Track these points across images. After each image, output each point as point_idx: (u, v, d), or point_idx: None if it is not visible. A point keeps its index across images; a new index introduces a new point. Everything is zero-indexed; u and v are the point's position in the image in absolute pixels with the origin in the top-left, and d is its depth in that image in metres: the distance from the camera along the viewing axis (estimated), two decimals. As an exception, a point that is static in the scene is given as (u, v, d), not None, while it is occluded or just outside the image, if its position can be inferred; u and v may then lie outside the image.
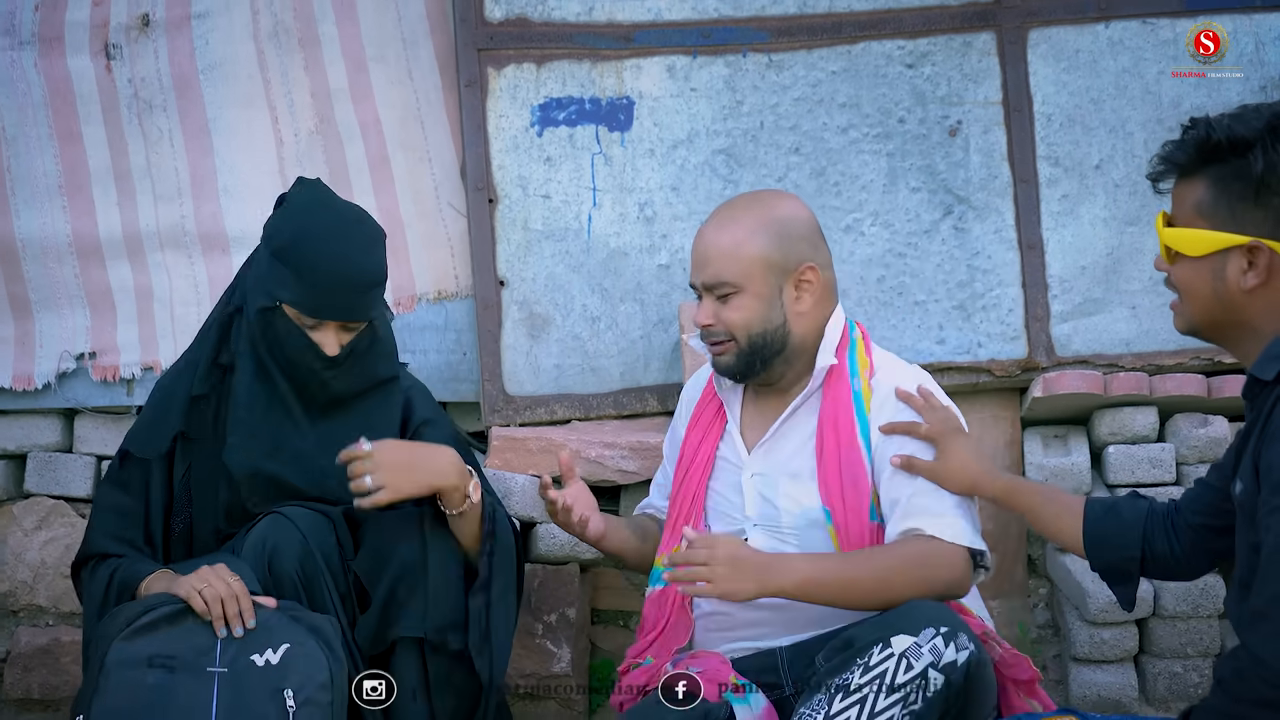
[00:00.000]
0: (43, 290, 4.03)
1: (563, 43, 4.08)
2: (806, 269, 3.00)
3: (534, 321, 4.05)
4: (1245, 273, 2.40)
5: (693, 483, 3.13)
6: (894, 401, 2.99)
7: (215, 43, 4.05)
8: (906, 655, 2.65)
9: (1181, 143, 2.45)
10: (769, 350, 3.01)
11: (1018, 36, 4.05)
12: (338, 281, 3.05)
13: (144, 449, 3.14)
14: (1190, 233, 2.44)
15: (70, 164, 4.04)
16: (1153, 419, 3.89)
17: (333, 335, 3.08)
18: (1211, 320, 2.47)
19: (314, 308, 3.05)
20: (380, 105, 4.08)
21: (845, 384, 3.01)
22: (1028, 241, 4.03)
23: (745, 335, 3.01)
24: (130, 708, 2.77)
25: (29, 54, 4.04)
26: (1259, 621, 2.25)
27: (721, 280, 2.99)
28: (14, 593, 3.94)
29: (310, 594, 3.03)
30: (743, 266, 2.98)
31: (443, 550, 3.05)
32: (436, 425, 3.26)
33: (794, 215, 3.03)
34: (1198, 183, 2.43)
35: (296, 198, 3.16)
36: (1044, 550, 4.00)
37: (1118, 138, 4.04)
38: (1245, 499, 2.39)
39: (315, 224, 3.08)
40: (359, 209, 3.21)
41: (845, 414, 2.98)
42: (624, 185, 4.07)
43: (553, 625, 3.79)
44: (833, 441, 2.98)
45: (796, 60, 4.08)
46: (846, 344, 3.06)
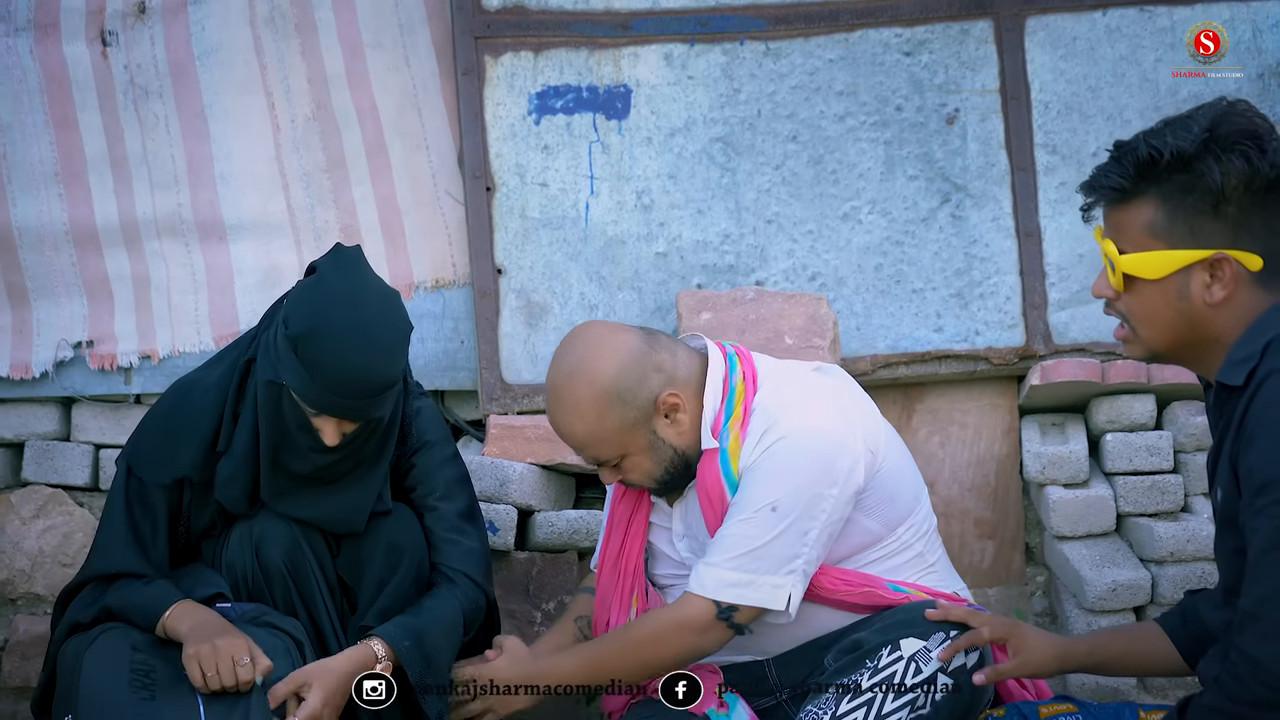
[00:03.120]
0: (40, 279, 4.02)
1: (560, 30, 4.07)
2: (665, 399, 2.96)
3: (532, 310, 4.05)
4: (1209, 286, 2.37)
5: (631, 555, 3.13)
6: (762, 443, 2.91)
7: (211, 28, 4.03)
8: (916, 659, 2.66)
9: (1117, 165, 2.40)
10: (679, 474, 3.02)
11: (1015, 24, 4.05)
12: (348, 389, 2.93)
13: (154, 476, 3.09)
14: (1148, 256, 2.38)
15: (66, 151, 4.03)
16: (1150, 406, 3.90)
17: (334, 426, 2.99)
18: (1175, 341, 2.43)
19: (318, 405, 2.95)
20: (377, 92, 4.07)
21: (715, 452, 2.97)
22: (1025, 229, 4.03)
23: (652, 480, 3.02)
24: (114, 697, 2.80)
25: (24, 40, 4.03)
26: (1250, 623, 2.25)
27: (602, 458, 3.00)
28: (12, 581, 3.93)
29: (299, 585, 3.03)
30: (611, 443, 2.96)
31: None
32: (432, 447, 3.21)
33: (618, 367, 2.93)
34: (1143, 204, 2.38)
35: (326, 278, 3.00)
36: (1041, 538, 4.01)
37: (1115, 125, 4.04)
38: (1226, 505, 2.39)
39: (335, 321, 2.92)
40: (388, 301, 3.04)
41: (713, 477, 2.96)
42: (621, 173, 4.07)
43: (551, 614, 3.79)
44: (706, 506, 2.97)
45: (794, 48, 4.08)
46: (725, 402, 2.98)
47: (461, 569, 3.12)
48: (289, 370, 2.94)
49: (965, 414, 4.05)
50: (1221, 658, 2.33)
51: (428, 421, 3.23)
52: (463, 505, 3.20)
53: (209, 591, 3.01)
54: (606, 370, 2.93)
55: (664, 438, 2.96)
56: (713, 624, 2.87)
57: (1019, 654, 2.79)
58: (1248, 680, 2.23)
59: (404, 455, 3.18)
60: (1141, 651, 2.77)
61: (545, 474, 3.90)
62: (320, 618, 3.02)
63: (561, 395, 2.96)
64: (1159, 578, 3.73)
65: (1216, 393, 2.41)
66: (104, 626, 2.94)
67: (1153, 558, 3.74)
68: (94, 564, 3.07)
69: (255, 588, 3.04)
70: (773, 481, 2.88)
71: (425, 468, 3.19)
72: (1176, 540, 3.71)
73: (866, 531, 2.96)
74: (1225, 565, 2.45)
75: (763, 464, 2.89)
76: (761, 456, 2.90)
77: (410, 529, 3.12)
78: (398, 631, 2.96)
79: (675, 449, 2.98)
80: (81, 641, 2.93)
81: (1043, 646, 2.79)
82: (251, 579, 3.03)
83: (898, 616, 2.78)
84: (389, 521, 3.08)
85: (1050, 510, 3.84)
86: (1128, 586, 3.71)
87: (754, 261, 4.05)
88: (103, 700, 2.81)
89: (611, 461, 2.99)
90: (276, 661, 2.88)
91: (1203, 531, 3.71)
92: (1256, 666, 2.22)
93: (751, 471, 2.90)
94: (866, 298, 4.03)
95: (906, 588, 2.95)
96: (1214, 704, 2.30)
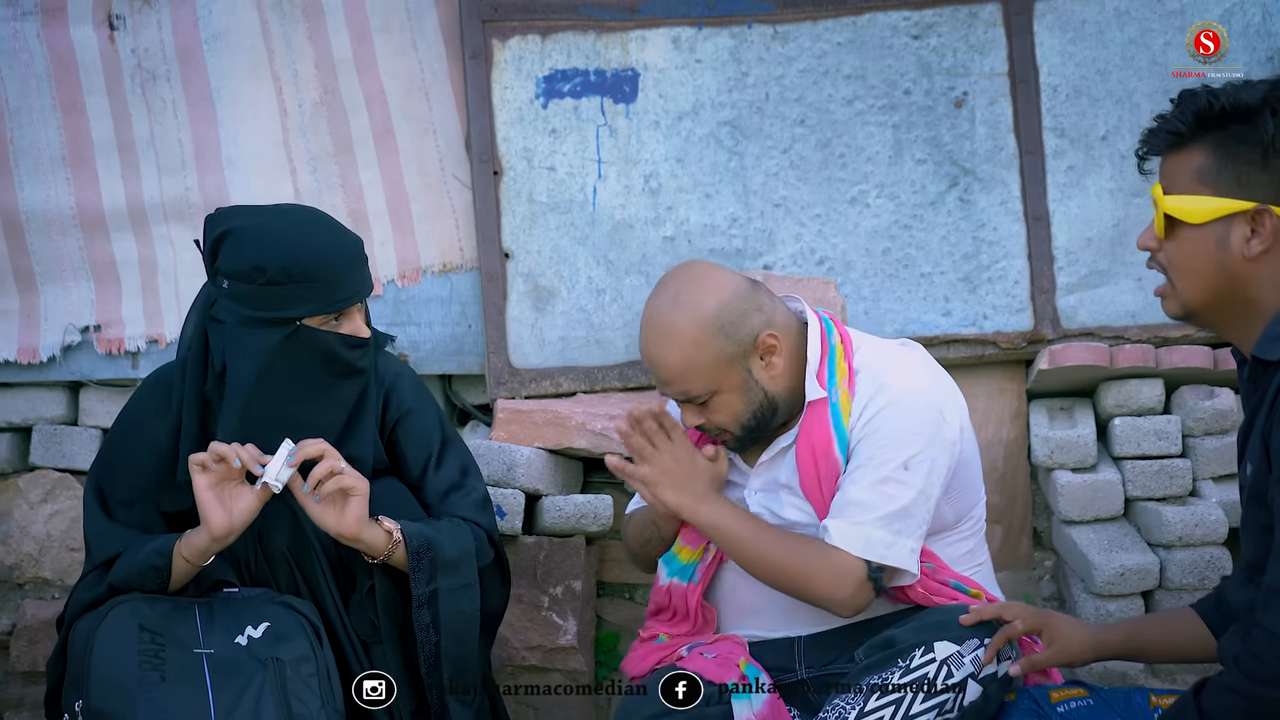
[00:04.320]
0: (47, 263, 4.02)
1: (568, 14, 4.06)
2: (765, 339, 2.92)
3: (539, 294, 4.04)
4: (1249, 240, 2.38)
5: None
6: (875, 404, 2.89)
7: (218, 12, 4.02)
8: (949, 663, 2.65)
9: (1179, 111, 2.42)
10: (765, 422, 2.97)
11: (1024, 7, 4.04)
12: (344, 268, 2.98)
13: (128, 498, 3.08)
14: (1192, 200, 2.41)
15: (73, 135, 4.02)
16: (1159, 391, 3.89)
17: (358, 317, 3.04)
18: (1211, 295, 2.44)
19: (337, 300, 2.98)
20: (384, 76, 4.06)
21: (824, 402, 2.94)
22: (1034, 213, 4.02)
23: (738, 424, 2.96)
24: (124, 678, 2.80)
25: (31, 24, 4.02)
26: (1273, 599, 2.24)
27: (692, 394, 2.93)
28: (20, 565, 3.94)
29: (301, 568, 3.03)
30: (705, 375, 2.90)
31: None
32: (417, 413, 3.20)
33: (724, 298, 2.90)
34: (1196, 150, 2.41)
35: (242, 229, 2.97)
36: (1050, 523, 4.01)
37: (1124, 109, 4.03)
38: (1255, 481, 2.38)
39: (290, 234, 2.96)
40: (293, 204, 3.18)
41: (821, 428, 2.92)
42: (629, 157, 4.06)
43: (559, 598, 3.79)
44: (808, 457, 2.93)
45: (802, 31, 4.07)
46: (826, 358, 2.97)
47: (458, 514, 3.13)
48: (290, 303, 2.94)
49: (973, 398, 4.03)
50: (1242, 636, 2.32)
51: (407, 387, 3.22)
52: (452, 473, 3.19)
53: (213, 579, 3.01)
54: (711, 301, 2.89)
55: (758, 379, 2.92)
56: (863, 584, 2.83)
57: (1053, 644, 2.77)
58: (1266, 657, 2.23)
59: (386, 424, 3.17)
60: (1177, 637, 2.75)
61: (553, 458, 3.90)
62: (324, 600, 3.02)
63: (662, 323, 2.91)
64: (1167, 562, 3.73)
65: (1251, 366, 2.42)
66: (112, 602, 2.94)
67: (1161, 542, 3.74)
68: (94, 558, 3.05)
69: (259, 572, 3.04)
70: (899, 442, 2.86)
71: (408, 438, 3.18)
72: (1185, 525, 3.71)
73: (940, 517, 2.95)
74: (1251, 541, 2.45)
75: (883, 424, 2.87)
76: (878, 415, 2.88)
77: (406, 505, 3.11)
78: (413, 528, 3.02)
79: (767, 393, 2.93)
80: (91, 620, 2.93)
81: (1078, 636, 2.78)
82: (255, 563, 3.03)
83: (935, 617, 2.76)
84: (384, 500, 3.06)
85: (1058, 495, 3.83)
86: (1136, 571, 3.70)
87: (762, 245, 4.05)
88: (113, 682, 2.81)
89: (700, 398, 2.92)
90: (294, 639, 2.88)
91: (1211, 516, 3.71)
92: (1277, 641, 2.21)
93: (873, 431, 2.87)
94: (874, 282, 4.03)
95: (965, 584, 2.94)
96: (1232, 683, 2.29)
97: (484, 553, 3.10)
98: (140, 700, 2.78)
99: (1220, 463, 3.85)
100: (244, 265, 2.93)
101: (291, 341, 2.96)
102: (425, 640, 2.99)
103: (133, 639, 2.87)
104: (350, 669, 2.98)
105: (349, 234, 3.06)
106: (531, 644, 3.78)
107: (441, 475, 3.18)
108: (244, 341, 2.96)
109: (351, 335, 3.02)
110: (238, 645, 2.88)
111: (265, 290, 2.93)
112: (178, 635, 2.89)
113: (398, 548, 2.97)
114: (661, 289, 2.96)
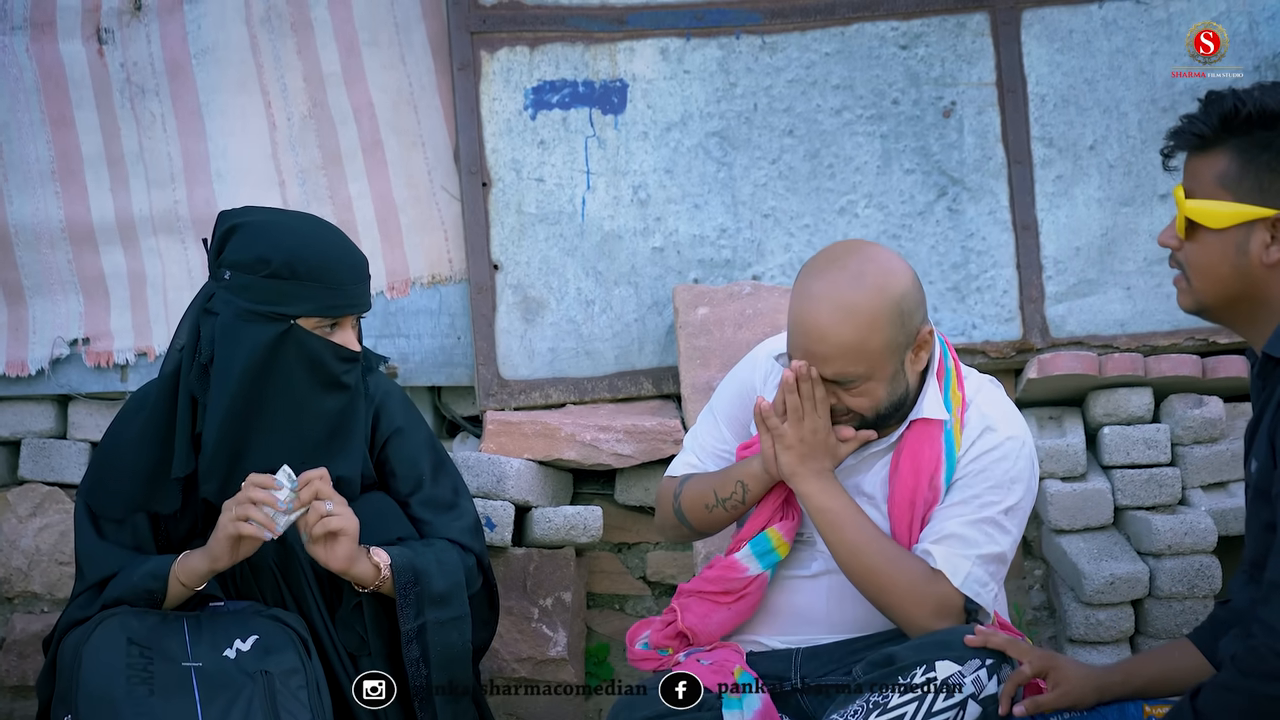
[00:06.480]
0: (36, 276, 4.03)
1: (556, 25, 4.07)
2: (925, 334, 2.81)
3: (528, 305, 4.05)
4: (1269, 246, 2.39)
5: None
6: (983, 443, 2.84)
7: (207, 27, 4.03)
8: (949, 682, 2.63)
9: (1204, 114, 2.42)
10: (889, 417, 2.87)
11: (1011, 17, 4.05)
12: (348, 275, 3.00)
13: (115, 513, 3.07)
14: (1214, 204, 2.41)
15: (63, 149, 4.03)
16: (1148, 400, 3.89)
17: (350, 331, 3.04)
18: (1225, 297, 2.45)
19: (336, 306, 2.98)
20: (373, 89, 4.07)
21: (939, 425, 2.86)
22: (1022, 222, 4.03)
23: (873, 412, 2.84)
24: (113, 692, 2.79)
25: (20, 39, 4.03)
26: (1274, 593, 2.25)
27: (847, 376, 2.77)
28: (9, 580, 3.93)
29: (288, 581, 3.03)
30: (869, 359, 2.76)
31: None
32: (407, 432, 3.20)
33: (907, 285, 2.78)
34: (1219, 155, 2.41)
35: (253, 224, 3.01)
36: (1039, 532, 4.00)
37: (1112, 118, 4.03)
38: (1259, 477, 2.39)
39: (300, 232, 3.01)
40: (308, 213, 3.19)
41: (933, 450, 2.85)
42: (618, 168, 4.07)
43: (549, 609, 3.79)
44: (909, 474, 2.86)
45: (790, 42, 4.07)
46: (942, 378, 2.89)
47: (445, 536, 3.11)
48: (288, 300, 2.95)
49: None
50: (1243, 635, 2.32)
51: (397, 406, 3.22)
52: (444, 493, 3.19)
53: (199, 593, 3.00)
54: (897, 285, 2.76)
55: (906, 372, 2.82)
56: (958, 615, 2.79)
57: (1058, 686, 2.73)
58: (1263, 651, 2.23)
59: (375, 442, 3.17)
60: (1176, 670, 2.71)
61: (542, 470, 3.90)
62: (311, 614, 3.01)
63: (843, 300, 2.73)
64: (1156, 571, 3.72)
65: (1261, 364, 2.43)
66: (100, 616, 2.93)
67: (1150, 551, 3.74)
68: (86, 578, 3.04)
69: (244, 585, 3.03)
70: (1003, 488, 2.82)
71: (398, 457, 3.18)
72: (1174, 533, 3.71)
73: None
74: (1254, 539, 2.45)
75: (991, 467, 2.83)
76: (986, 456, 2.83)
77: (396, 522, 3.11)
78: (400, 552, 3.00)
79: (908, 387, 2.83)
80: (80, 635, 2.92)
81: (1081, 679, 2.74)
82: (240, 576, 3.03)
83: (937, 636, 2.71)
84: (373, 516, 3.06)
85: (1048, 503, 3.83)
86: (1125, 580, 3.70)
87: (751, 256, 4.05)
88: (101, 696, 2.80)
89: (853, 382, 2.78)
90: (283, 652, 2.88)
91: (1200, 525, 3.71)
92: (1275, 635, 2.21)
93: (980, 471, 2.83)
94: (863, 292, 4.02)
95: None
96: (1228, 681, 2.29)
97: (473, 580, 3.10)
98: (129, 714, 2.77)
99: (1209, 471, 3.85)
100: (249, 256, 2.95)
101: (283, 341, 2.96)
102: (416, 674, 2.99)
103: (121, 652, 2.87)
104: (339, 682, 2.98)
105: (357, 249, 3.07)
106: (521, 655, 3.77)
107: (432, 494, 3.18)
108: (237, 334, 2.96)
109: (342, 346, 3.02)
110: (226, 658, 2.87)
111: (266, 283, 2.94)
112: (166, 648, 2.89)
113: (386, 581, 2.97)
114: (838, 264, 2.78)
